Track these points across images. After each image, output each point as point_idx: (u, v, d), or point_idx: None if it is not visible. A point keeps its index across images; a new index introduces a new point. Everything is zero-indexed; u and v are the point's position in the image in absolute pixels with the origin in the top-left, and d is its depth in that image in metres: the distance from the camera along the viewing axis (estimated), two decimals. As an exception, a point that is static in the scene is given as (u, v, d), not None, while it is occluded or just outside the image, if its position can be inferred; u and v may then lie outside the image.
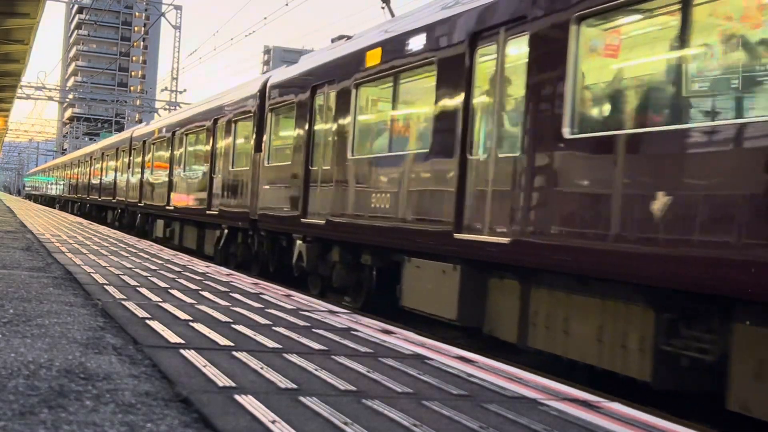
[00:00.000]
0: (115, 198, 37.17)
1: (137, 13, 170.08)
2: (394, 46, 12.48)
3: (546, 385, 5.59)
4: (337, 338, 6.95)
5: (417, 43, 11.76)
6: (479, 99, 10.37)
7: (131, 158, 33.97)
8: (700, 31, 7.24)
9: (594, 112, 8.77)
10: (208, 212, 21.20)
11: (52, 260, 12.61)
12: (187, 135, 25.03)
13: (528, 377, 5.85)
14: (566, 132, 8.47)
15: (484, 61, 10.34)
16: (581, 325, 8.48)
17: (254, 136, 18.14)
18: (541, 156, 8.87)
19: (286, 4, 39.66)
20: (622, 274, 7.69)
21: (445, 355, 6.54)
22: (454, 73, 10.70)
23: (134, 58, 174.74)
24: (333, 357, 5.99)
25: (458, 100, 10.52)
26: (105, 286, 9.49)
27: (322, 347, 6.41)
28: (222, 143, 20.89)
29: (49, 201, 78.64)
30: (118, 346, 5.87)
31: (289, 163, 16.03)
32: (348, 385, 5.04)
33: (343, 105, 13.86)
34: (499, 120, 9.86)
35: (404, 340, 7.15)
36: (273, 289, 10.98)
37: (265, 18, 43.38)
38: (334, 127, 14.14)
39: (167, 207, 26.21)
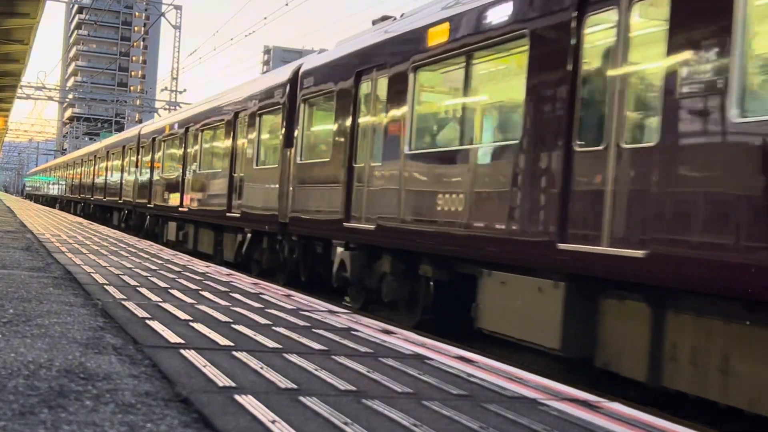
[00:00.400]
0: (121, 198, 35.36)
1: (137, 13, 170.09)
2: (467, 20, 10.67)
3: (546, 385, 5.59)
4: (337, 338, 6.95)
5: (501, 13, 9.94)
6: (590, 77, 8.59)
7: (139, 157, 32.20)
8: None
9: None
10: (228, 214, 19.60)
11: (52, 260, 12.61)
12: (203, 131, 23.36)
13: (528, 377, 5.85)
14: None
15: (595, 32, 8.59)
16: (749, 365, 6.71)
17: (283, 130, 16.51)
18: (700, 142, 7.01)
19: (286, 4, 39.68)
20: None
21: (445, 355, 6.54)
22: (555, 47, 8.86)
23: (134, 58, 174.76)
24: (333, 357, 5.99)
25: (562, 78, 8.66)
26: (105, 286, 9.49)
27: (322, 347, 6.41)
28: (244, 139, 19.24)
29: (50, 201, 76.81)
30: (118, 346, 5.87)
31: (327, 160, 14.34)
32: (348, 385, 5.04)
33: (398, 92, 12.07)
34: (625, 103, 8.00)
35: (404, 340, 7.14)
36: (273, 289, 10.98)
37: (265, 18, 43.42)
38: (385, 118, 12.37)
39: (180, 208, 24.50)
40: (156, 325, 6.88)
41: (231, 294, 9.81)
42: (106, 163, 41.15)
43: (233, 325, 7.20)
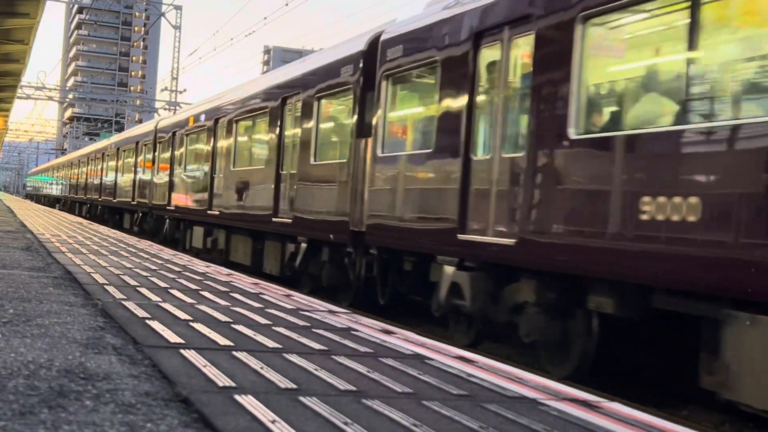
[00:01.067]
0: (135, 200, 32.01)
1: (137, 13, 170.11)
2: None
3: (546, 385, 5.59)
4: (337, 338, 6.95)
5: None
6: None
7: (156, 153, 28.93)
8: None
9: None
10: (275, 219, 16.37)
11: (52, 260, 12.61)
12: (237, 122, 19.99)
13: (528, 377, 5.85)
14: None
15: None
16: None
17: (355, 116, 13.37)
18: None
19: (286, 4, 39.69)
20: None
21: (445, 355, 6.54)
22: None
23: (134, 58, 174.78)
24: (333, 357, 5.98)
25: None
26: (105, 286, 9.49)
27: (322, 347, 6.41)
28: (296, 129, 15.91)
29: (53, 202, 73.20)
30: (118, 346, 5.87)
31: (428, 151, 11.21)
32: (348, 385, 5.04)
33: (551, 57, 8.89)
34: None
35: (404, 340, 7.14)
36: (273, 289, 10.98)
37: (265, 18, 43.45)
38: (529, 92, 9.25)
39: (210, 212, 21.21)
40: (156, 325, 6.88)
41: (231, 294, 9.81)
42: (116, 161, 37.66)
43: (233, 325, 7.20)
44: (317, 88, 15.02)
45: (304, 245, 15.17)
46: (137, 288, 9.62)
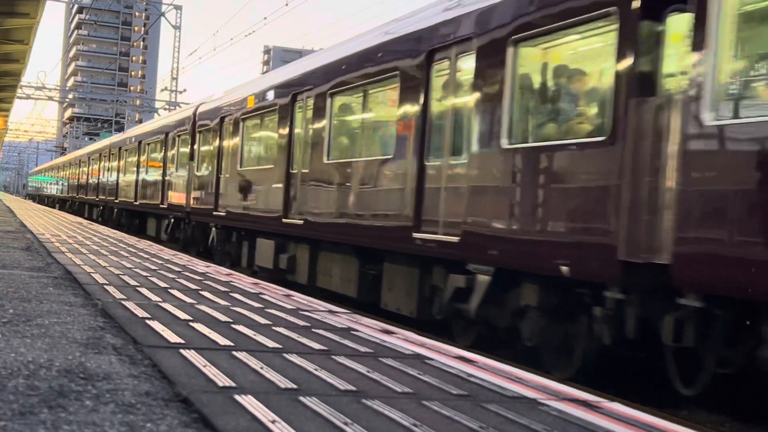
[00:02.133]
0: (165, 203, 26.52)
1: (137, 13, 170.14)
2: None
3: (546, 385, 5.59)
4: (337, 338, 6.95)
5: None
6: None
7: (196, 146, 23.34)
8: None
9: None
10: (420, 235, 10.85)
11: (52, 260, 12.61)
12: (332, 95, 14.19)
13: (528, 377, 5.85)
14: None
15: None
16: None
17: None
18: None
19: (286, 4, 39.69)
20: None
21: (445, 355, 6.54)
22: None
23: (134, 58, 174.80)
24: (333, 357, 5.98)
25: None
26: (105, 286, 9.49)
27: (322, 347, 6.41)
28: (456, 98, 10.61)
29: (58, 204, 67.54)
30: (118, 346, 5.87)
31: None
32: (348, 385, 5.04)
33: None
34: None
35: (404, 340, 7.14)
36: (273, 289, 10.98)
37: (265, 18, 43.43)
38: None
39: (286, 220, 15.55)
40: (156, 325, 6.88)
41: (231, 294, 9.81)
42: (137, 156, 32.04)
43: (233, 325, 7.20)
44: (508, 28, 9.75)
45: (486, 278, 9.60)
46: (137, 288, 9.62)
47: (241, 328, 7.10)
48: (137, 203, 31.47)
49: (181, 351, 5.74)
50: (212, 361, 5.45)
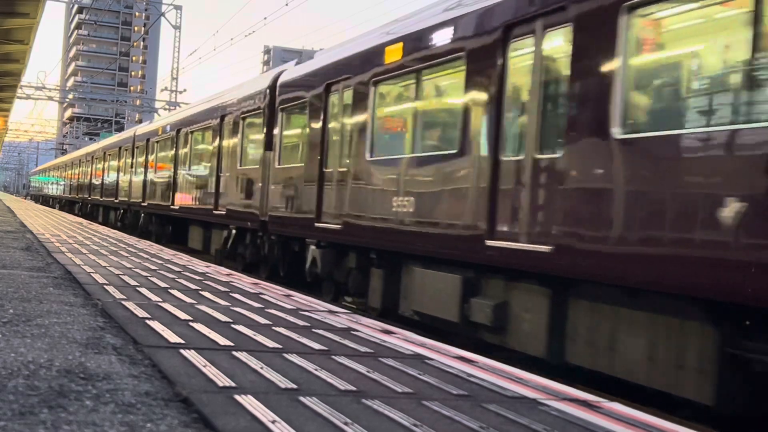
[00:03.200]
0: (220, 208, 20.07)
1: (137, 13, 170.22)
2: None
3: (546, 385, 5.59)
4: (337, 338, 6.95)
5: None
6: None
7: (276, 131, 16.91)
8: None
9: None
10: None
11: (52, 260, 12.61)
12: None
13: (528, 377, 5.85)
14: None
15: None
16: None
17: None
18: None
19: (286, 4, 39.71)
20: None
21: (445, 355, 6.54)
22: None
23: (134, 58, 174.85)
24: (333, 357, 5.98)
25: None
26: (105, 286, 9.49)
27: (322, 347, 6.41)
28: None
29: (67, 206, 60.83)
30: (118, 346, 5.87)
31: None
32: (348, 385, 5.04)
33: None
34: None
35: (404, 340, 7.14)
36: (273, 289, 10.98)
37: (265, 18, 43.45)
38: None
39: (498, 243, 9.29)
40: (156, 325, 6.88)
41: (231, 294, 9.80)
42: (174, 149, 25.90)
43: (233, 325, 7.20)
44: None
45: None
46: (137, 288, 9.62)
47: (241, 328, 7.10)
48: (175, 207, 24.95)
49: (181, 351, 5.74)
50: (212, 361, 5.45)
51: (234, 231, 19.07)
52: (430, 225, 10.66)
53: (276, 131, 16.94)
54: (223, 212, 19.81)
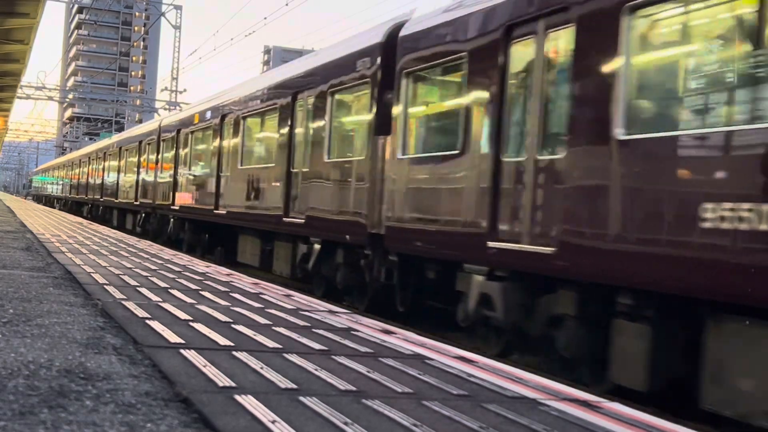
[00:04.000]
0: (293, 214, 15.35)
1: (137, 13, 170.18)
2: None
3: (546, 385, 5.59)
4: (337, 338, 6.95)
5: None
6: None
7: (404, 106, 11.86)
8: None
9: None
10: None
11: (52, 260, 12.61)
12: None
13: (528, 377, 5.85)
14: None
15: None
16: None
17: None
18: None
19: (286, 4, 39.70)
20: None
21: (445, 355, 6.54)
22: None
23: (134, 58, 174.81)
24: (333, 357, 5.98)
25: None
26: (105, 286, 9.49)
27: (322, 347, 6.41)
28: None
29: (74, 207, 54.65)
30: (118, 346, 5.87)
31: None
32: (348, 385, 5.04)
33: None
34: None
35: (404, 340, 7.14)
36: (273, 289, 10.97)
37: (265, 18, 43.44)
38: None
39: None
40: (156, 325, 6.87)
41: (231, 294, 9.80)
42: (218, 139, 20.80)
43: (233, 325, 7.20)
44: None
45: None
46: (137, 288, 9.62)
47: (241, 328, 7.10)
48: (220, 213, 19.95)
49: (181, 351, 5.74)
50: (212, 361, 5.45)
51: (318, 246, 14.41)
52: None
53: (397, 107, 11.98)
54: (300, 220, 14.94)
